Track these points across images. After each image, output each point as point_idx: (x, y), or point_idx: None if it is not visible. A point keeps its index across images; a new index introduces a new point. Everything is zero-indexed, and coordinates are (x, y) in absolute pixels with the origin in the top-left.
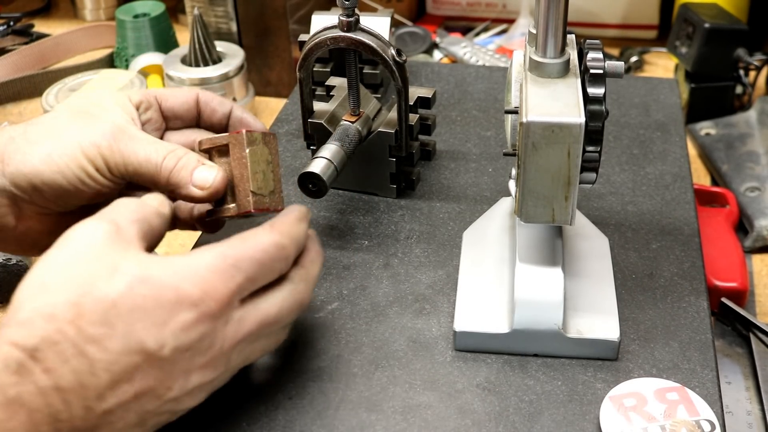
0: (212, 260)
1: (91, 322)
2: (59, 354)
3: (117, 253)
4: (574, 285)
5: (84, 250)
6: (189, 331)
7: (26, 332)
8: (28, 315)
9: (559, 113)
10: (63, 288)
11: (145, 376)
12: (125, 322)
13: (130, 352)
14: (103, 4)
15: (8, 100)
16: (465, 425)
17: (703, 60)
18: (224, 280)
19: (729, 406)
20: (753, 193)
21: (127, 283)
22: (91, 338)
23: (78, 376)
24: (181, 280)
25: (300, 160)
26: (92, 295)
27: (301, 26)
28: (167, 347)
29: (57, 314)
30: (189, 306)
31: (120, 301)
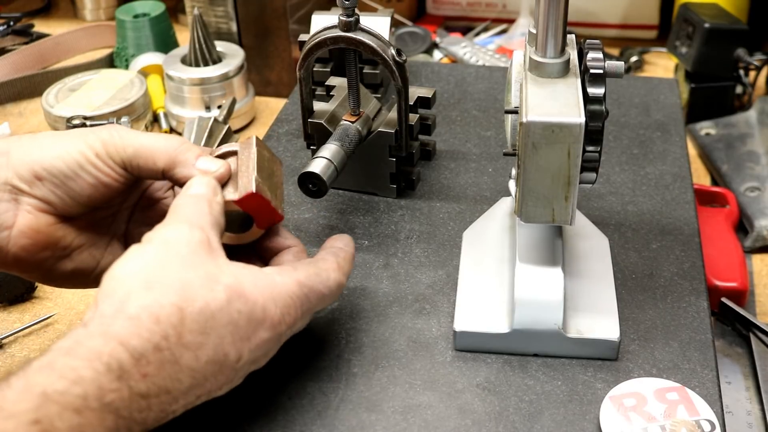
0: (292, 286)
1: (191, 330)
2: (160, 361)
3: (212, 263)
4: (574, 285)
5: (183, 253)
6: (262, 348)
7: (134, 331)
8: (137, 311)
9: (559, 113)
10: (169, 289)
11: (213, 382)
12: (218, 334)
13: (215, 361)
14: (103, 4)
15: (8, 100)
16: (465, 425)
17: (703, 60)
18: (296, 307)
19: (729, 406)
20: (753, 193)
21: (227, 296)
22: (187, 345)
23: (166, 383)
24: (267, 299)
25: (300, 160)
26: (195, 303)
27: (301, 26)
28: (243, 360)
29: (163, 316)
30: (269, 326)
31: (219, 313)
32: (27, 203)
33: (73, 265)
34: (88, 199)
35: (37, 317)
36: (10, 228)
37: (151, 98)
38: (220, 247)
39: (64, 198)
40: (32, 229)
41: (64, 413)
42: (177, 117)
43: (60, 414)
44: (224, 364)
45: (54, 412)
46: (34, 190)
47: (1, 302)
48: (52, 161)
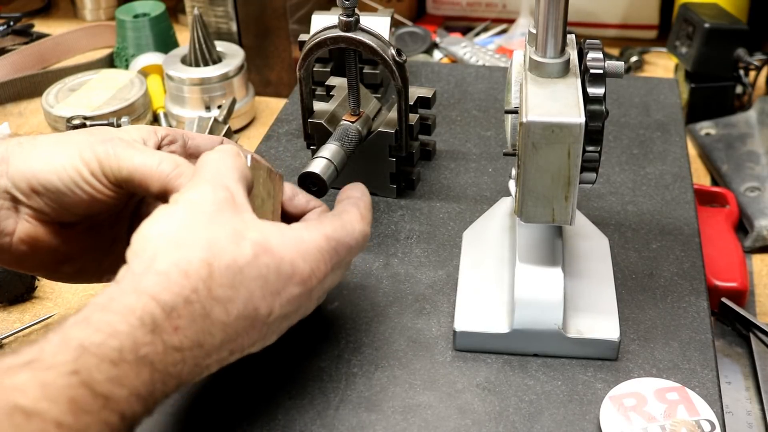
0: (320, 241)
1: (221, 284)
2: (191, 314)
3: (238, 219)
4: (574, 285)
5: (208, 211)
6: (293, 303)
7: (165, 286)
8: (166, 268)
9: (559, 113)
10: (196, 246)
11: (246, 337)
12: (248, 288)
13: (245, 316)
14: (103, 4)
15: (8, 100)
16: (465, 425)
17: (703, 60)
18: (326, 261)
19: (729, 406)
20: (753, 193)
21: (254, 251)
22: (217, 299)
23: (198, 336)
24: (296, 254)
25: (300, 160)
26: (223, 258)
27: (301, 26)
28: (274, 315)
29: (192, 272)
30: (299, 281)
31: (246, 268)
32: (25, 212)
33: (77, 266)
34: (84, 211)
35: (37, 317)
36: (11, 234)
37: (151, 98)
38: (246, 203)
39: (60, 210)
40: (31, 237)
41: (102, 365)
42: (177, 117)
43: (98, 365)
44: (255, 318)
45: (92, 364)
46: (31, 201)
47: (1, 302)
48: (48, 176)
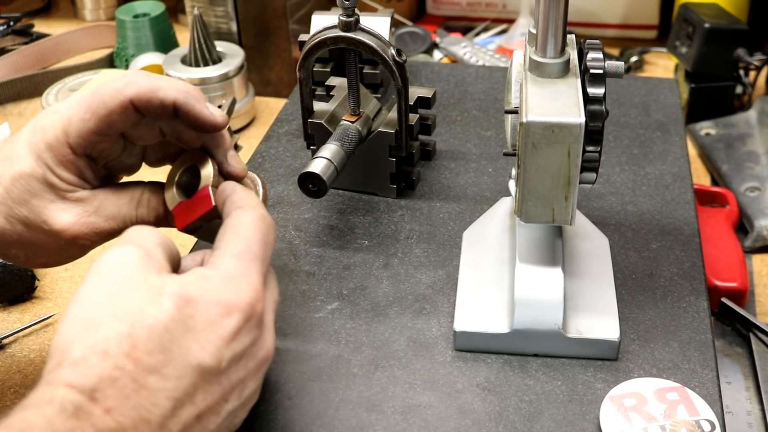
0: (236, 265)
1: (148, 351)
2: (119, 390)
3: (153, 275)
4: (574, 285)
5: (120, 276)
6: (241, 338)
7: (82, 371)
8: (82, 353)
9: (559, 113)
10: (112, 321)
11: (205, 395)
12: (180, 345)
13: (189, 374)
14: (103, 4)
15: (8, 100)
16: (465, 425)
17: (703, 60)
18: (255, 278)
19: (729, 406)
20: (753, 193)
21: (175, 304)
22: (149, 368)
23: (140, 411)
24: (220, 293)
25: (300, 160)
26: (144, 323)
27: (301, 26)
28: (224, 360)
29: (111, 349)
30: (236, 314)
31: (171, 324)
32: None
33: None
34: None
35: (37, 317)
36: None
37: None
38: (164, 262)
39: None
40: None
41: None
42: None
43: None
44: (204, 372)
45: None
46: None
47: (1, 302)
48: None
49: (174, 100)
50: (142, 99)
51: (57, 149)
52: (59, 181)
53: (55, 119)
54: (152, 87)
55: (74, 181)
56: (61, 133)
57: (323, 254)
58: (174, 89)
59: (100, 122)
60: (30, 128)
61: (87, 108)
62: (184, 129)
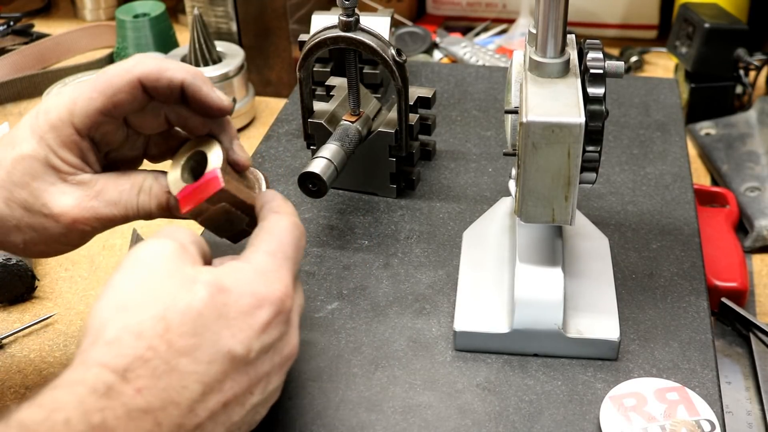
0: (268, 261)
1: (180, 334)
2: (152, 371)
3: (188, 266)
4: (574, 285)
5: (155, 265)
6: (270, 331)
7: (116, 352)
8: (116, 334)
9: (559, 113)
10: (146, 305)
11: (233, 383)
12: (212, 331)
13: (219, 360)
14: (103, 4)
15: (8, 100)
16: (465, 425)
17: (703, 60)
18: (283, 276)
19: (729, 406)
20: (753, 193)
21: (209, 292)
22: (181, 351)
23: (170, 393)
24: (253, 285)
25: (300, 160)
26: (177, 308)
27: (301, 26)
28: (254, 351)
29: (145, 331)
30: (267, 306)
31: (205, 310)
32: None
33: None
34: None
35: (37, 317)
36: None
37: None
38: (198, 256)
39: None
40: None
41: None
42: None
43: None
44: (234, 360)
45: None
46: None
47: (1, 302)
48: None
49: (182, 80)
50: (150, 78)
51: (61, 129)
52: (61, 162)
53: (60, 101)
54: (160, 67)
55: (76, 163)
56: (66, 113)
57: (323, 254)
58: (182, 70)
59: (107, 101)
60: (33, 113)
61: (94, 88)
62: (191, 115)
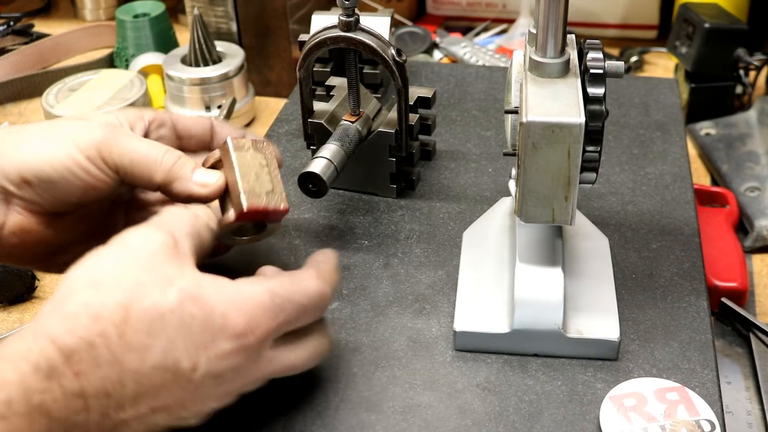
0: (262, 295)
1: (135, 330)
2: (95, 359)
3: (172, 266)
4: (574, 285)
5: (140, 255)
6: (224, 360)
7: (69, 328)
8: (75, 309)
9: (559, 113)
10: (115, 289)
11: (168, 394)
12: (168, 338)
13: (164, 368)
14: (103, 4)
15: (8, 100)
16: (465, 425)
17: (703, 60)
18: (268, 318)
19: (729, 406)
20: (753, 193)
21: (179, 298)
22: (130, 346)
23: (105, 383)
24: (230, 307)
25: (300, 160)
26: (143, 303)
27: (301, 26)
28: (199, 371)
29: (104, 315)
30: (231, 336)
31: (169, 315)
32: (16, 203)
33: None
34: (78, 200)
35: None
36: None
37: (151, 98)
38: (189, 254)
39: (52, 200)
40: (22, 230)
41: None
42: None
43: None
44: (176, 372)
45: None
46: (22, 192)
47: (1, 302)
48: (41, 166)
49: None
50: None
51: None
52: None
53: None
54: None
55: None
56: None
57: None
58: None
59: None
60: None
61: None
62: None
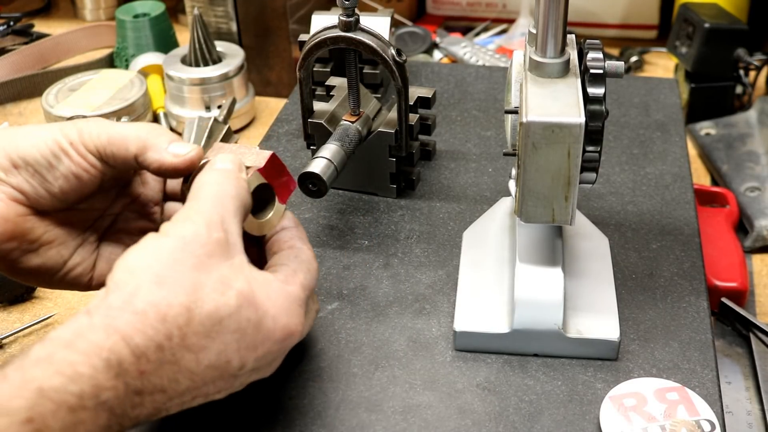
0: (299, 293)
1: (196, 332)
2: (159, 360)
3: (227, 264)
4: (574, 285)
5: (198, 253)
6: (267, 357)
7: (139, 328)
8: (144, 308)
9: (559, 113)
10: (180, 289)
11: (212, 386)
12: (223, 341)
13: (215, 367)
14: (103, 4)
15: (8, 100)
16: (465, 425)
17: (703, 60)
18: (303, 312)
19: (729, 406)
20: (753, 193)
21: (238, 303)
22: (190, 347)
23: (163, 381)
24: (279, 311)
25: (300, 160)
26: (205, 306)
27: (301, 26)
28: (246, 368)
29: (170, 316)
30: (280, 338)
31: (227, 319)
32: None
33: (39, 260)
34: (61, 191)
35: (37, 317)
36: None
37: (151, 98)
38: (239, 242)
39: (38, 188)
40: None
41: (59, 412)
42: (177, 117)
43: (54, 412)
44: (225, 370)
45: (48, 410)
46: (9, 178)
47: (1, 302)
48: (28, 149)
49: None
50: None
51: None
52: None
53: None
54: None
55: None
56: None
57: (323, 254)
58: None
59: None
60: None
61: None
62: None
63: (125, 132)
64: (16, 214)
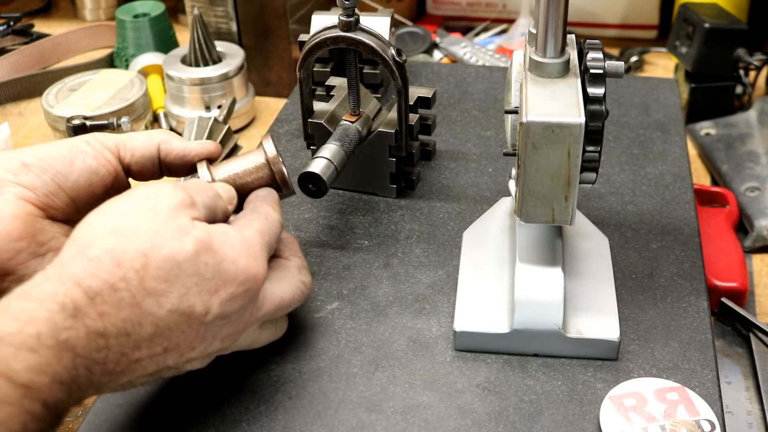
0: (258, 238)
1: (154, 276)
2: (117, 302)
3: (187, 218)
4: (574, 285)
5: (159, 207)
6: (233, 302)
7: (92, 272)
8: (98, 254)
9: (559, 113)
10: (136, 237)
11: (181, 335)
12: (184, 284)
13: (179, 312)
14: (103, 4)
15: (8, 100)
16: (465, 425)
17: (703, 60)
18: (264, 258)
19: (729, 406)
20: (753, 193)
21: (195, 248)
22: (149, 291)
23: (125, 324)
24: (239, 255)
25: (300, 160)
26: (161, 251)
27: (301, 26)
28: (211, 314)
29: (125, 261)
30: (241, 281)
31: (185, 263)
32: (10, 191)
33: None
34: (75, 186)
35: None
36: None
37: (151, 98)
38: (203, 214)
39: (49, 184)
40: (11, 215)
41: (19, 353)
42: (177, 117)
43: (15, 355)
44: (191, 315)
45: (9, 354)
46: (19, 177)
47: None
48: (45, 148)
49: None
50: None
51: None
52: None
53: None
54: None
55: None
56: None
57: (323, 254)
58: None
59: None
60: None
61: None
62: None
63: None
64: (26, 213)
